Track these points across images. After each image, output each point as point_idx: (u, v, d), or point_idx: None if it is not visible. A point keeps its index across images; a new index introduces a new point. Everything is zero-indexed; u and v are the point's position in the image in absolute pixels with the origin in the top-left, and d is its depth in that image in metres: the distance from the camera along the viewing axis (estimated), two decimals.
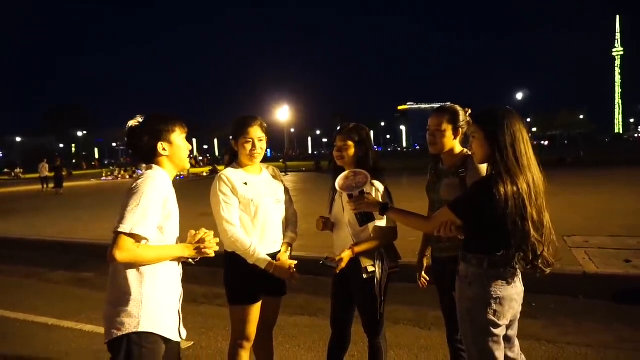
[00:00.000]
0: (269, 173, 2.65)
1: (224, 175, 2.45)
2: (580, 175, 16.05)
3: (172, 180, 2.05)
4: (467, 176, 2.32)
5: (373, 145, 2.67)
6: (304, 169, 32.40)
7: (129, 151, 2.07)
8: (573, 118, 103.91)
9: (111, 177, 32.20)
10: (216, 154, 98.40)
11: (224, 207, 2.40)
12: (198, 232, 2.02)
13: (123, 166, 41.39)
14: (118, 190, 21.08)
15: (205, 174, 29.50)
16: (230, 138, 2.56)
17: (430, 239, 2.55)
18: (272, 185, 2.60)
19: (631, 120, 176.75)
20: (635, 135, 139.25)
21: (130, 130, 2.00)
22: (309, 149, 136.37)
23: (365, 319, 2.59)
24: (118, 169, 36.38)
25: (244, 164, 2.54)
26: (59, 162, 22.26)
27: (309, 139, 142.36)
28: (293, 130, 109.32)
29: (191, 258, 2.02)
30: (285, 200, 2.65)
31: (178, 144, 2.02)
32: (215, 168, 29.14)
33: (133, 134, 2.00)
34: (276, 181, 2.65)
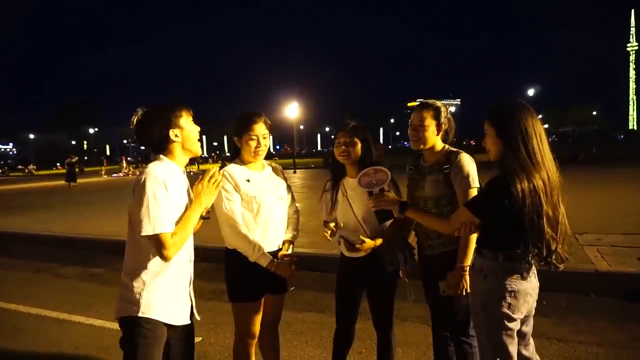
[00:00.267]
0: (271, 170, 2.62)
1: (226, 172, 2.42)
2: (593, 172, 15.81)
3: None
4: (451, 172, 2.34)
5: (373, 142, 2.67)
6: (312, 166, 32.43)
7: (140, 145, 2.08)
8: (586, 114, 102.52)
9: (122, 174, 32.50)
10: (226, 151, 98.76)
11: (227, 204, 2.38)
12: (200, 182, 2.05)
13: (132, 163, 41.80)
14: (129, 187, 21.26)
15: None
16: (234, 135, 2.53)
17: (420, 235, 2.54)
18: (275, 183, 2.57)
19: None
20: None
21: (138, 123, 1.99)
22: (318, 145, 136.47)
23: (377, 314, 2.59)
24: (126, 165, 36.68)
25: (247, 161, 2.52)
26: (74, 159, 24.34)
27: (318, 136, 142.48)
28: (302, 127, 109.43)
29: (206, 211, 2.08)
30: (287, 197, 2.62)
31: (188, 128, 2.04)
32: (224, 165, 29.20)
33: (142, 127, 1.99)
34: (279, 178, 2.62)
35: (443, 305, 2.45)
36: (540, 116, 2.01)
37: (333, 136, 2.78)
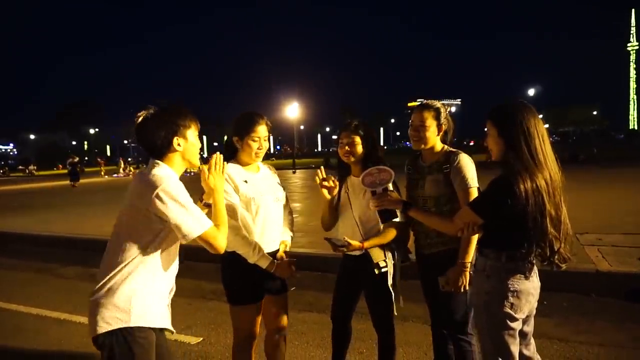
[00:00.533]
0: (266, 171, 2.61)
1: (225, 174, 2.36)
2: (594, 172, 15.81)
3: (180, 177, 2.02)
4: (451, 172, 2.36)
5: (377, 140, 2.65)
6: (313, 166, 32.39)
7: (139, 145, 1.96)
8: (586, 114, 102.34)
9: (123, 174, 32.51)
10: None
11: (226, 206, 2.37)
12: (208, 175, 2.04)
13: (133, 164, 41.81)
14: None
15: None
16: (233, 135, 2.47)
17: (419, 235, 2.54)
18: (271, 184, 2.56)
19: None
20: None
21: (143, 122, 1.89)
22: (319, 146, 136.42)
23: (376, 315, 2.57)
24: (125, 165, 36.70)
25: (244, 162, 2.49)
26: (76, 159, 25.00)
27: (319, 136, 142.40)
28: (302, 127, 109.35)
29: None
30: (283, 198, 2.61)
31: (192, 141, 1.95)
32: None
33: (145, 127, 1.88)
34: (274, 179, 2.61)
35: (442, 303, 2.46)
36: (540, 116, 2.01)
37: (335, 136, 2.77)
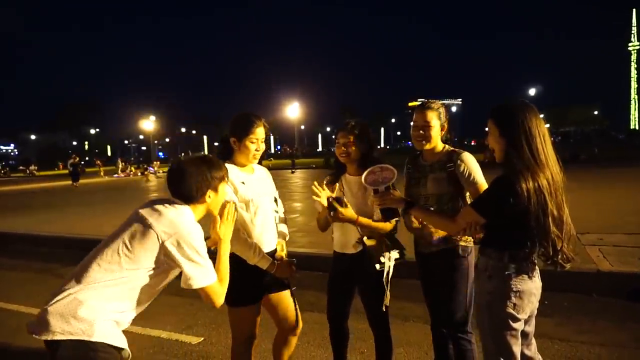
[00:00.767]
0: (261, 172, 2.60)
1: None
2: (594, 172, 15.79)
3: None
4: (457, 171, 2.38)
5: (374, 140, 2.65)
6: (314, 166, 32.40)
7: (169, 188, 1.90)
8: (587, 114, 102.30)
9: (123, 175, 32.54)
10: None
11: None
12: (219, 223, 2.01)
13: (134, 164, 41.86)
14: (129, 188, 21.28)
15: None
16: (230, 135, 2.44)
17: (418, 234, 2.53)
18: (266, 184, 2.57)
19: None
20: None
21: (179, 169, 1.87)
22: (319, 145, 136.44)
23: (371, 313, 2.56)
24: (124, 165, 36.82)
25: (240, 164, 2.47)
26: (77, 159, 25.75)
27: (319, 136, 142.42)
28: (303, 127, 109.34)
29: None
30: (278, 199, 2.63)
31: (221, 195, 1.96)
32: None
33: (182, 175, 1.85)
34: (269, 180, 2.62)
35: (441, 303, 2.47)
36: (541, 116, 2.00)
37: (334, 136, 2.77)
